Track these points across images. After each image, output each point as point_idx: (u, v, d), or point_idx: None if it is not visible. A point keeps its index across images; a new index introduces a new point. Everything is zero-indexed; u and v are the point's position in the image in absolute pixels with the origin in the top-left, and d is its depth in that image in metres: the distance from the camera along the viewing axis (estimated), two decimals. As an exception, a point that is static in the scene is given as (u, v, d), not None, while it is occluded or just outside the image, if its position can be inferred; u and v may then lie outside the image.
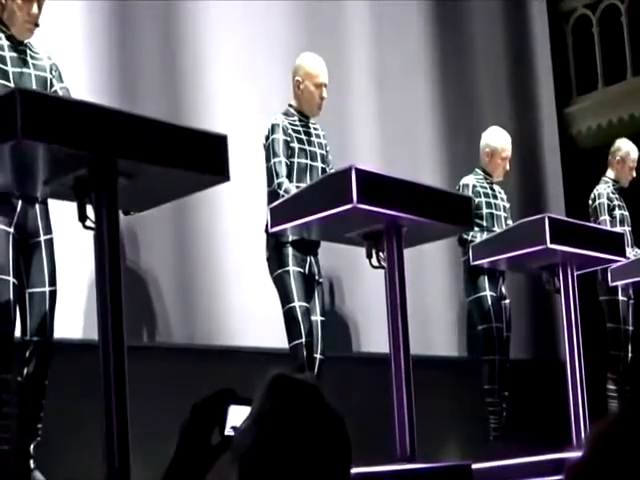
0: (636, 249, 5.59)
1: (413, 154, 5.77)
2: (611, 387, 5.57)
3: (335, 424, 1.19)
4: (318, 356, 4.11)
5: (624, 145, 5.83)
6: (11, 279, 3.07)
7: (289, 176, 4.16)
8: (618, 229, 5.36)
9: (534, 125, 6.89)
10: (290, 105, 4.32)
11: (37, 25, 3.31)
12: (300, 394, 1.19)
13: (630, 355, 5.62)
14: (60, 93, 3.33)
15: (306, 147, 4.26)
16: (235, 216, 4.72)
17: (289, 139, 4.20)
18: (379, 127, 5.63)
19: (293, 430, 1.16)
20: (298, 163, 4.21)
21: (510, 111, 6.61)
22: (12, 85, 3.16)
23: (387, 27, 5.84)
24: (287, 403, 1.18)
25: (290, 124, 4.24)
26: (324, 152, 4.33)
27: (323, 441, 1.17)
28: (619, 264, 5.04)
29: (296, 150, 4.21)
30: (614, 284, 5.47)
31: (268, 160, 4.17)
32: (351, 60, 5.59)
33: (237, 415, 1.33)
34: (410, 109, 5.88)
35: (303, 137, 4.26)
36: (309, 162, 4.25)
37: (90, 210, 2.75)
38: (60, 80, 3.40)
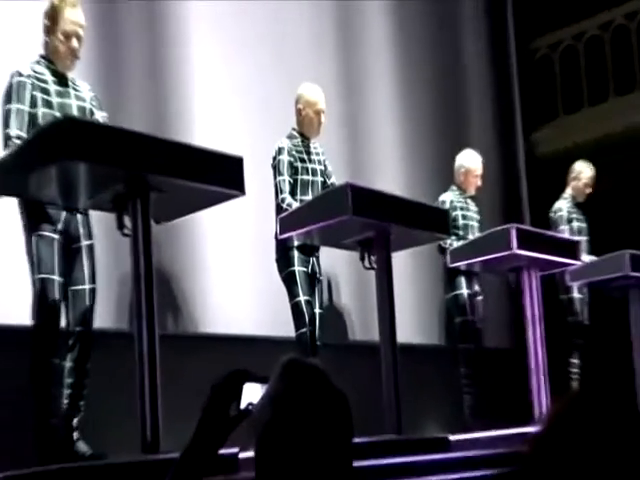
0: (591, 256, 5.60)
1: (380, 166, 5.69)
2: (574, 370, 5.58)
3: (339, 401, 1.19)
4: (318, 343, 4.12)
5: (581, 166, 5.84)
6: (57, 278, 3.05)
7: (293, 190, 4.18)
8: (575, 238, 5.37)
9: (505, 148, 6.92)
10: (293, 129, 4.33)
11: (77, 57, 3.27)
12: (309, 376, 1.19)
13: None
14: (100, 120, 3.29)
15: (308, 165, 4.27)
16: (247, 225, 4.71)
17: (293, 159, 4.22)
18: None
19: (303, 407, 1.15)
20: (301, 179, 4.23)
21: (485, 136, 6.63)
22: (55, 113, 3.13)
23: (366, 47, 5.77)
24: (298, 383, 1.17)
25: (294, 146, 4.26)
26: (323, 167, 4.34)
27: (329, 416, 1.17)
28: (575, 267, 5.05)
29: (299, 168, 4.23)
30: (571, 284, 5.49)
31: (275, 177, 4.19)
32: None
33: (251, 391, 1.31)
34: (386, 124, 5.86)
35: (305, 156, 4.28)
36: (310, 178, 4.27)
37: (127, 220, 2.78)
38: (100, 109, 3.36)
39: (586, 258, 5.42)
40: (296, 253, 4.12)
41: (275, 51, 5.09)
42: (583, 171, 5.81)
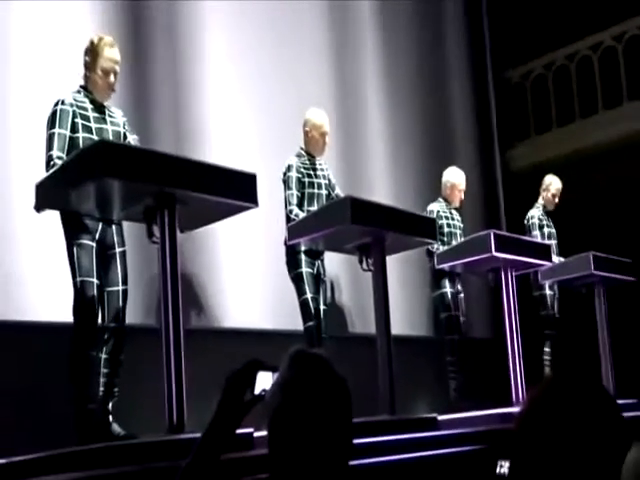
0: (560, 257, 5.60)
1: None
2: (546, 358, 5.57)
3: (341, 386, 1.19)
4: (323, 335, 4.13)
5: (550, 179, 5.84)
6: (94, 281, 3.05)
7: (301, 202, 4.18)
8: (546, 242, 5.37)
9: (484, 164, 6.93)
10: (301, 148, 4.33)
11: (114, 91, 3.28)
12: (314, 364, 1.19)
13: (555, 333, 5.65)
14: (132, 143, 3.29)
15: (314, 180, 4.28)
16: (259, 232, 4.71)
17: (300, 175, 4.22)
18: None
19: (309, 391, 1.16)
20: (308, 192, 4.23)
21: (466, 153, 6.64)
22: (94, 137, 3.13)
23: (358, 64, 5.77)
24: (304, 371, 1.18)
25: (302, 163, 4.26)
26: (327, 182, 4.35)
27: (332, 399, 1.17)
28: (546, 267, 5.05)
29: (306, 183, 4.23)
30: (542, 282, 5.49)
31: (285, 191, 4.20)
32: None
33: (264, 379, 1.31)
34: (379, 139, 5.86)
35: (311, 172, 4.28)
36: (316, 191, 4.27)
37: (155, 229, 2.78)
38: (131, 132, 3.35)
39: (556, 259, 5.42)
40: (303, 257, 4.12)
41: (285, 76, 5.09)
42: (552, 183, 5.81)
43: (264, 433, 1.20)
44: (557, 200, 5.79)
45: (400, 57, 6.14)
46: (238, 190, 2.85)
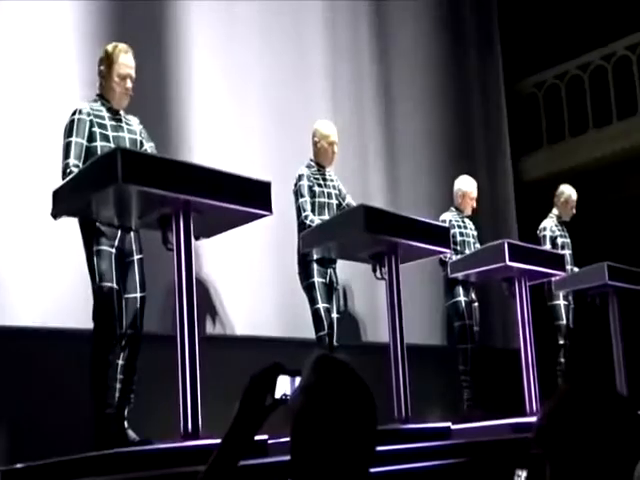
0: (574, 267, 5.57)
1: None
2: (559, 368, 5.54)
3: (365, 393, 1.18)
4: (335, 344, 4.12)
5: (566, 189, 5.79)
6: (114, 286, 3.05)
7: (312, 211, 4.19)
8: (559, 252, 5.34)
9: (497, 174, 6.92)
10: (311, 159, 4.34)
11: (130, 95, 3.28)
12: (339, 369, 1.18)
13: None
14: (149, 151, 3.30)
15: (324, 189, 4.28)
16: (271, 242, 4.70)
17: (311, 184, 4.23)
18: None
19: (332, 396, 1.15)
20: (319, 201, 4.23)
21: (479, 164, 6.64)
22: (112, 145, 3.14)
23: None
24: (327, 376, 1.17)
25: (312, 173, 4.28)
26: (337, 192, 4.35)
27: (356, 404, 1.16)
28: (560, 277, 5.03)
29: (317, 192, 4.24)
30: (556, 292, 5.46)
31: (297, 200, 4.20)
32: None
33: (284, 383, 1.30)
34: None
35: (321, 182, 4.29)
36: (326, 200, 4.27)
37: (171, 236, 2.79)
38: (148, 140, 3.36)
39: (571, 270, 5.39)
40: (315, 266, 4.12)
41: (296, 90, 5.11)
42: (570, 193, 5.77)
43: (278, 440, 1.19)
44: (574, 211, 5.76)
45: (416, 67, 6.16)
46: (253, 198, 2.86)
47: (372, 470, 1.17)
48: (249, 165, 4.21)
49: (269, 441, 2.55)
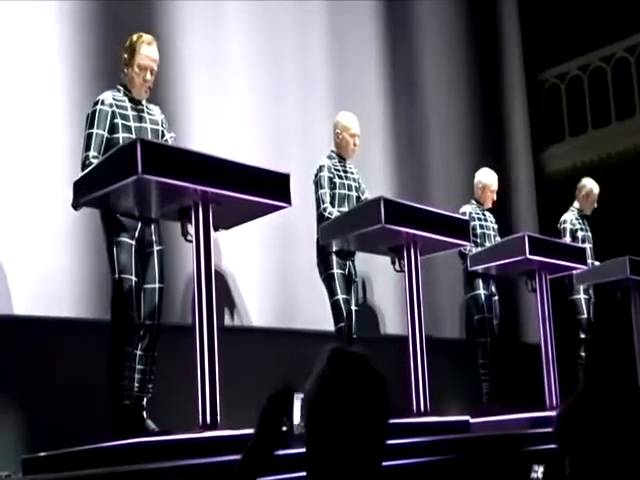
0: (596, 261, 5.51)
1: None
2: (580, 362, 5.49)
3: (379, 383, 1.18)
4: (353, 336, 4.11)
5: (588, 183, 5.72)
6: (133, 278, 3.06)
7: (332, 202, 4.18)
8: (580, 245, 5.29)
9: (518, 166, 6.86)
10: (332, 150, 4.32)
11: (150, 88, 3.27)
12: (352, 361, 1.18)
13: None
14: (170, 141, 3.29)
15: (344, 181, 4.26)
16: (291, 233, 4.68)
17: (332, 175, 4.21)
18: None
19: (346, 387, 1.15)
20: (339, 193, 4.21)
21: (500, 156, 6.59)
22: (134, 136, 3.12)
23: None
24: (343, 367, 1.17)
25: (332, 165, 4.25)
26: (357, 184, 4.33)
27: (370, 395, 1.16)
28: (581, 270, 4.97)
29: (337, 184, 4.22)
30: (577, 286, 5.41)
31: (317, 191, 4.18)
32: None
33: (300, 403, 1.31)
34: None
35: (342, 174, 4.27)
36: (347, 192, 4.25)
37: (190, 228, 2.79)
38: (169, 131, 3.35)
39: (592, 264, 5.34)
40: (334, 258, 4.10)
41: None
42: (592, 187, 5.69)
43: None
44: (595, 205, 5.69)
45: (438, 60, 6.12)
46: (272, 190, 2.85)
47: (391, 463, 1.17)
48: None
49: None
